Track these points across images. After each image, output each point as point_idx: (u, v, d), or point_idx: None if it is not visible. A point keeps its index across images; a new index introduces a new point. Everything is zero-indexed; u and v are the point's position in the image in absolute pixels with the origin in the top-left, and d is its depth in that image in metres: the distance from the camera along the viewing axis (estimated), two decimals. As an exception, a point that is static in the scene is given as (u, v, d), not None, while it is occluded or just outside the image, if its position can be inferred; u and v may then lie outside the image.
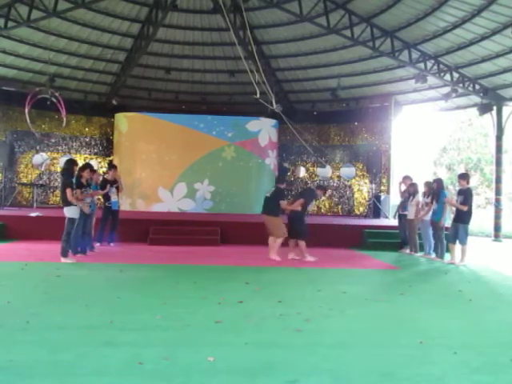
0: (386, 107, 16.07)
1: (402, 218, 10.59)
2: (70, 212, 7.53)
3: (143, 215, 12.80)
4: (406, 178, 10.86)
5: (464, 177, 9.17)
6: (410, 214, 10.11)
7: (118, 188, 9.75)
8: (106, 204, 9.65)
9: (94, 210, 8.78)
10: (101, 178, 9.82)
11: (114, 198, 9.60)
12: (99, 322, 4.23)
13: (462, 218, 8.80)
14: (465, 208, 8.74)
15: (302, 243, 8.56)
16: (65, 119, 13.38)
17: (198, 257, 8.79)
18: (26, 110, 12.75)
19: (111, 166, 10.54)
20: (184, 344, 3.73)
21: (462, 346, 3.92)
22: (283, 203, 8.61)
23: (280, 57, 16.14)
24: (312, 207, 8.79)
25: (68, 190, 7.42)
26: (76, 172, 7.91)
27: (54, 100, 12.94)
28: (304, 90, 17.28)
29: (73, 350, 3.47)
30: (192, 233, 10.92)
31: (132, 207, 15.15)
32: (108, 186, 9.36)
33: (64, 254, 7.58)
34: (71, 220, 7.57)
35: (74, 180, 7.91)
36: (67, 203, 7.49)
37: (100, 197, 10.12)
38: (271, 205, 8.55)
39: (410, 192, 10.28)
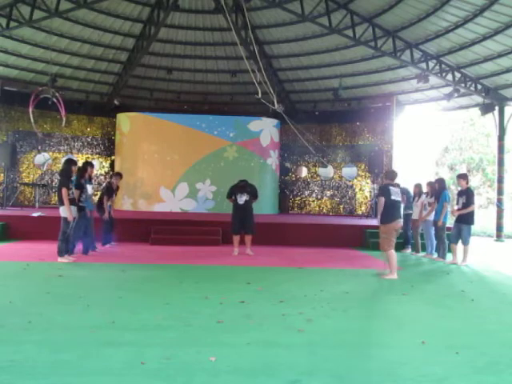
0: (387, 107, 16.03)
1: (405, 217, 10.57)
2: (65, 212, 7.53)
3: (145, 215, 12.81)
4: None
5: (463, 177, 9.12)
6: (415, 214, 10.12)
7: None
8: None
9: (92, 210, 8.75)
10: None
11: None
12: (101, 321, 4.23)
13: (466, 218, 8.78)
14: (472, 209, 8.73)
15: None
16: (64, 119, 13.38)
17: (199, 257, 8.80)
18: (30, 110, 12.76)
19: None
20: (186, 344, 3.72)
21: (465, 346, 3.91)
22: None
23: (282, 57, 16.12)
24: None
25: (63, 190, 7.41)
26: (74, 172, 7.86)
27: (55, 100, 12.96)
28: (306, 89, 17.26)
29: (74, 349, 3.48)
30: (194, 233, 10.93)
31: (134, 207, 15.19)
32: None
33: (60, 253, 7.59)
34: (66, 219, 7.55)
35: (74, 181, 7.89)
36: (63, 203, 7.48)
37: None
38: None
39: (415, 193, 10.33)
